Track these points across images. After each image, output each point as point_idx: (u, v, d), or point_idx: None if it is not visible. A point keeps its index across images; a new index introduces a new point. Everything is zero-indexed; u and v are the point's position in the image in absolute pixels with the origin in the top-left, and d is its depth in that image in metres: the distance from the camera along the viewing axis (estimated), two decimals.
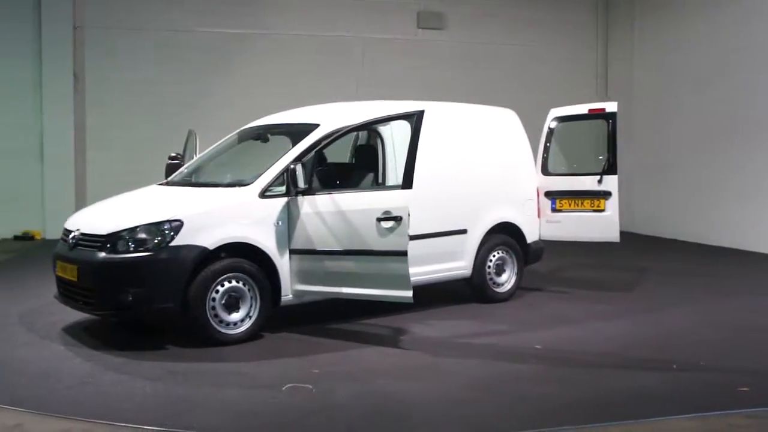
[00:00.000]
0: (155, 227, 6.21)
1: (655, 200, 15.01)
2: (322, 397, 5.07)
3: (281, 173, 6.65)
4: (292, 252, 6.64)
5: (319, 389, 5.22)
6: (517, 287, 8.47)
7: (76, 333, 6.77)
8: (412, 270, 7.23)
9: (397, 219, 6.19)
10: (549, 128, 8.94)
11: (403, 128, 7.47)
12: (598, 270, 10.64)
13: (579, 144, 9.04)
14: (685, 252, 12.82)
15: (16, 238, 13.59)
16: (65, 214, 7.99)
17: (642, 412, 4.79)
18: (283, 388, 5.23)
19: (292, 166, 6.51)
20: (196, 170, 7.79)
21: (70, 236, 6.60)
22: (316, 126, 7.07)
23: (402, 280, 6.18)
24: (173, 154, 8.33)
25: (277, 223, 6.61)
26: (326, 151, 8.07)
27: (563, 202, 8.76)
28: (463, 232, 7.94)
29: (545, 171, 8.90)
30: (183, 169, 7.88)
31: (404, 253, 6.15)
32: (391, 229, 6.22)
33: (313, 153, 6.85)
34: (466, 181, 8.05)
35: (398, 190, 6.33)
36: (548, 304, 8.28)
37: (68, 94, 14.10)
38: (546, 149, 8.93)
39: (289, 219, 6.63)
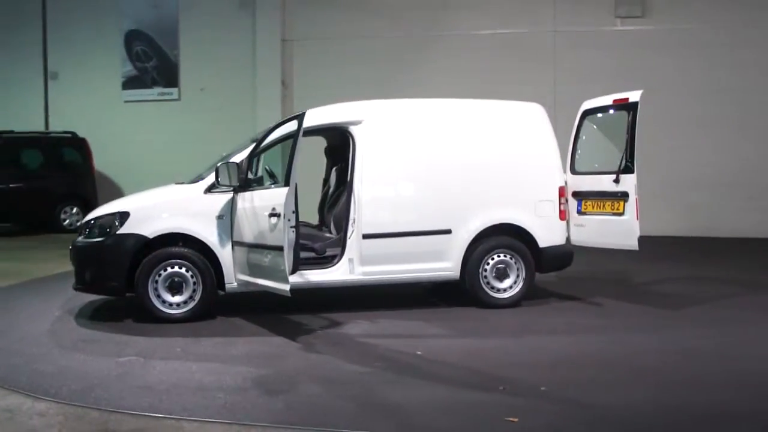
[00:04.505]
0: (109, 217, 7.32)
1: None
2: (135, 369, 5.70)
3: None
4: (233, 243, 7.25)
5: (148, 364, 5.86)
6: (524, 294, 7.92)
7: (86, 306, 8.11)
8: (382, 267, 7.54)
9: (279, 215, 6.48)
10: (578, 123, 8.18)
11: (377, 129, 7.67)
12: (699, 283, 9.38)
13: (618, 140, 8.05)
14: None
15: None
16: None
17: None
18: (120, 359, 5.97)
19: (219, 165, 7.14)
20: None
21: None
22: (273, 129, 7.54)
23: (281, 274, 6.44)
24: (224, 154, 9.36)
25: (221, 216, 7.28)
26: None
27: (587, 203, 8.02)
28: (447, 232, 7.73)
29: (573, 169, 8.18)
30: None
31: (281, 248, 6.40)
32: (275, 225, 6.53)
33: (248, 154, 7.33)
34: (453, 181, 7.81)
35: (281, 188, 6.59)
36: (543, 314, 7.72)
37: (277, 100, 15.97)
38: (575, 146, 8.20)
39: (231, 213, 7.26)
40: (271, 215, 6.59)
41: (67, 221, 15.40)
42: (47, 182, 15.39)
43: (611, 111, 7.96)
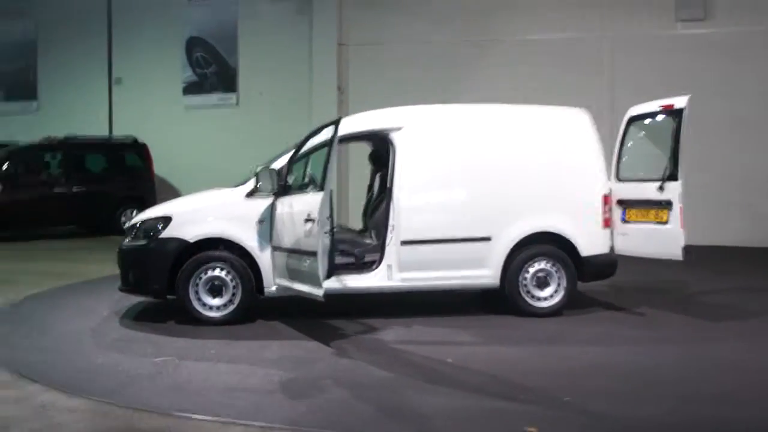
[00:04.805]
0: (152, 221, 7.51)
1: None
2: (168, 369, 5.84)
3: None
4: (273, 248, 7.35)
5: (181, 365, 6.01)
6: (565, 303, 7.77)
7: (133, 307, 8.29)
8: (420, 274, 7.55)
9: (314, 221, 6.53)
10: (624, 129, 8.03)
11: (416, 135, 7.68)
12: (751, 295, 9.14)
13: (664, 146, 7.82)
14: None
15: None
16: None
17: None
18: (156, 359, 6.12)
19: (258, 170, 7.26)
20: None
21: None
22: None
23: (315, 279, 6.49)
24: (271, 159, 9.50)
25: (261, 221, 7.38)
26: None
27: (632, 212, 7.84)
28: (486, 239, 7.66)
29: (618, 177, 8.03)
30: None
31: (314, 253, 6.45)
32: (311, 230, 6.59)
33: (288, 159, 7.45)
34: (494, 188, 7.75)
35: (317, 194, 6.64)
36: (582, 323, 7.57)
37: (333, 105, 16.04)
38: (620, 153, 8.05)
39: (271, 218, 7.35)
40: (307, 220, 6.65)
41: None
42: (108, 186, 15.84)
43: (658, 117, 7.76)
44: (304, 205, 6.75)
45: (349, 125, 7.83)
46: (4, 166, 14.82)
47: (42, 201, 15.07)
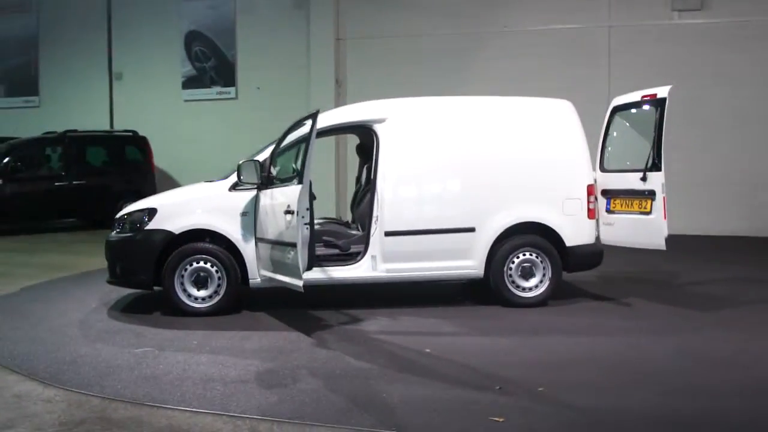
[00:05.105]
0: (138, 213, 7.58)
1: None
2: (148, 360, 5.90)
3: None
4: (257, 240, 7.40)
5: (161, 355, 6.07)
6: (551, 293, 7.80)
7: (122, 299, 8.38)
8: (404, 265, 7.59)
9: (293, 212, 6.57)
10: (608, 119, 8.03)
11: (400, 127, 7.71)
12: (744, 285, 9.12)
13: (648, 137, 7.83)
14: None
15: None
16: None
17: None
18: (136, 350, 6.19)
19: (241, 162, 7.30)
20: None
21: None
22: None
23: (295, 270, 6.54)
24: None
25: (245, 213, 7.44)
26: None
27: (616, 202, 7.87)
28: (470, 230, 7.69)
29: (602, 167, 8.04)
30: None
31: (295, 245, 6.49)
32: (290, 222, 6.63)
33: (269, 152, 7.50)
34: (478, 179, 7.78)
35: (295, 186, 6.68)
36: (567, 314, 7.58)
37: (331, 98, 16.08)
38: (604, 143, 8.05)
39: (254, 210, 7.41)
40: (287, 212, 6.69)
41: None
42: (109, 179, 15.93)
43: (641, 107, 7.76)
44: (285, 197, 6.79)
45: (334, 117, 7.91)
46: (5, 160, 14.92)
47: (43, 194, 15.17)
